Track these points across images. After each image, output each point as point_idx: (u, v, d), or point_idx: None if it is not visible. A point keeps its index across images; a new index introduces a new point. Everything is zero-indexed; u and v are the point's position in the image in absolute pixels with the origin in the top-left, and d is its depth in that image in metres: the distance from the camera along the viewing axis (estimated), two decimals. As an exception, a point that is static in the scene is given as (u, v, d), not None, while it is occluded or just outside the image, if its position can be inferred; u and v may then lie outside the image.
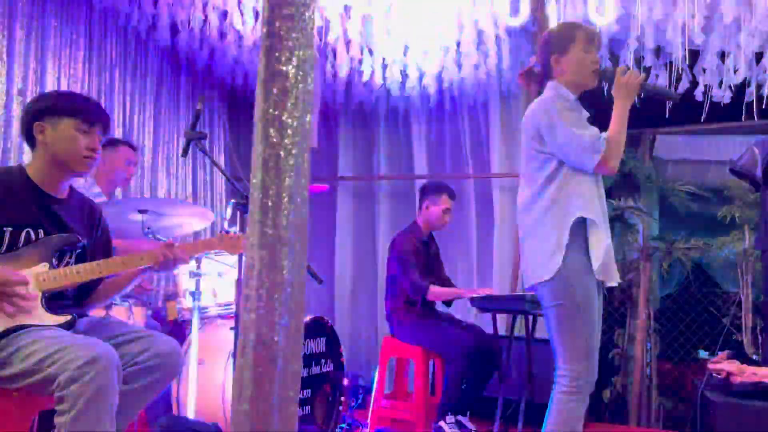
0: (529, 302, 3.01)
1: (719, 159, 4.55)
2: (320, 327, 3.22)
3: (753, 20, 3.36)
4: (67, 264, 2.04)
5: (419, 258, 3.66)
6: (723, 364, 2.95)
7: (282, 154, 0.94)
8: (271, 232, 0.93)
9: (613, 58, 3.89)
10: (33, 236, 1.96)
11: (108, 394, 1.70)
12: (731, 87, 3.66)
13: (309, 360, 3.11)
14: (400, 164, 5.00)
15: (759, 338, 4.00)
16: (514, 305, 3.16)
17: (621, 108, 2.27)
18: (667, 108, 3.78)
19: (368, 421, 3.66)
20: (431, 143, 4.88)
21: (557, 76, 2.35)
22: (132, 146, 3.48)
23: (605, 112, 2.32)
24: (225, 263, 3.16)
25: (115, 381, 1.73)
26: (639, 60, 3.77)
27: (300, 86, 0.95)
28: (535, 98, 2.40)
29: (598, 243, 2.23)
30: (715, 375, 2.93)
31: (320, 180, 4.94)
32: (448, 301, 3.82)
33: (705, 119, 3.81)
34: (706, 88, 3.73)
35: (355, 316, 4.95)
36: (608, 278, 2.27)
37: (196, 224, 3.28)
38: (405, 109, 4.87)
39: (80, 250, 2.09)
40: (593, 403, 4.18)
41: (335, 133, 5.14)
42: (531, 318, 3.45)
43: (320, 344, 3.19)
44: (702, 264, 4.56)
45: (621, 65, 2.40)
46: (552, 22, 3.65)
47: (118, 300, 2.96)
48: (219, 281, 3.24)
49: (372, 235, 5.00)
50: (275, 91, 0.94)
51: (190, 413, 2.81)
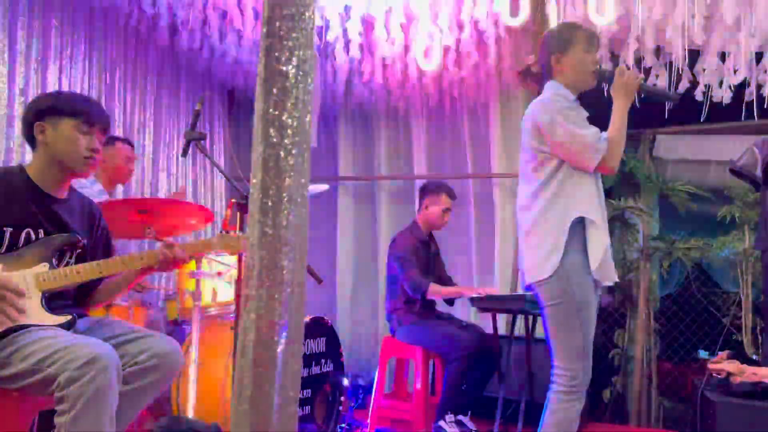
0: (529, 302, 3.01)
1: (719, 159, 4.54)
2: (320, 327, 3.22)
3: (753, 20, 3.36)
4: (67, 264, 2.04)
5: (419, 257, 3.67)
6: (723, 364, 2.94)
7: (282, 154, 0.94)
8: (271, 232, 0.93)
9: (613, 58, 3.89)
10: (33, 236, 1.96)
11: (108, 395, 1.70)
12: (731, 87, 3.66)
13: (309, 360, 3.11)
14: (400, 164, 5.00)
15: (759, 338, 3.99)
16: (514, 305, 3.16)
17: (621, 108, 2.27)
18: (667, 108, 3.78)
19: (368, 421, 3.66)
20: (431, 143, 4.88)
21: (557, 76, 2.35)
22: (129, 143, 3.49)
23: (605, 113, 2.32)
24: (225, 263, 3.16)
25: (115, 381, 1.73)
26: (639, 60, 3.76)
27: (300, 86, 0.95)
28: (535, 98, 2.40)
29: (597, 243, 2.23)
30: (715, 375, 2.93)
31: (320, 180, 4.94)
32: (450, 300, 3.82)
33: (705, 119, 3.80)
34: (706, 88, 3.73)
35: (355, 316, 4.95)
36: (605, 278, 2.27)
37: (196, 224, 3.28)
38: (405, 109, 4.86)
39: (80, 250, 2.09)
40: (593, 403, 4.18)
41: (335, 133, 5.14)
42: (531, 318, 3.45)
43: (320, 344, 3.19)
44: (702, 264, 4.55)
45: (620, 65, 2.40)
46: (552, 22, 3.65)
47: (118, 300, 2.96)
48: (219, 281, 3.24)
49: (372, 235, 4.99)
50: (275, 91, 0.94)
51: (190, 413, 2.81)
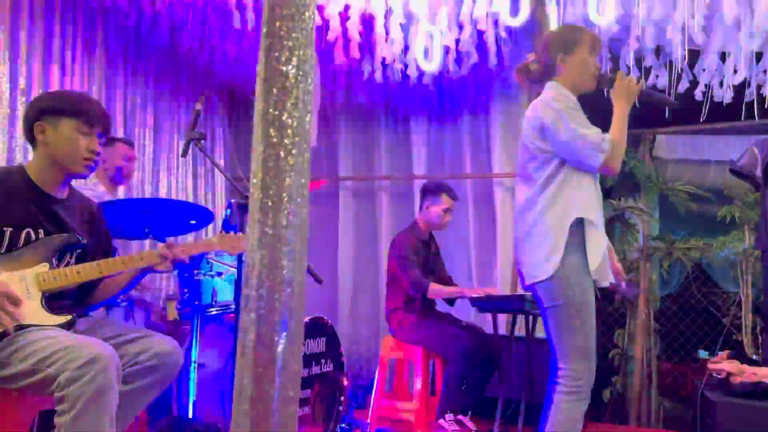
0: (529, 302, 3.01)
1: (719, 159, 4.54)
2: (320, 327, 3.22)
3: (753, 20, 3.36)
4: (68, 264, 2.04)
5: (419, 257, 3.66)
6: (723, 364, 2.94)
7: (282, 154, 0.94)
8: (271, 232, 0.93)
9: (613, 58, 3.88)
10: (33, 236, 1.96)
11: (108, 395, 1.70)
12: (731, 87, 3.65)
13: (309, 360, 3.11)
14: (400, 164, 5.00)
15: (759, 338, 3.99)
16: (514, 305, 3.15)
17: (621, 112, 2.29)
18: (668, 108, 3.78)
19: (368, 421, 3.66)
20: (431, 143, 4.88)
21: (559, 76, 2.34)
22: (129, 143, 3.48)
23: (603, 116, 2.33)
24: (225, 263, 3.16)
25: (115, 381, 1.73)
26: (639, 60, 3.76)
27: (300, 86, 0.95)
28: (535, 98, 2.40)
29: (596, 244, 2.23)
30: (715, 375, 2.93)
31: (320, 180, 4.94)
32: (451, 300, 3.82)
33: (705, 119, 3.80)
34: (707, 88, 3.73)
35: (355, 316, 4.94)
36: (602, 278, 2.27)
37: (196, 224, 3.28)
38: (405, 109, 4.86)
39: (80, 250, 2.09)
40: (593, 403, 4.16)
41: (335, 133, 5.14)
42: (531, 318, 3.45)
43: (320, 344, 3.19)
44: (702, 264, 4.55)
45: (621, 68, 2.41)
46: (552, 22, 3.65)
47: (118, 300, 2.96)
48: (219, 281, 3.23)
49: (372, 235, 4.99)
50: (275, 91, 0.94)
51: (190, 413, 2.81)
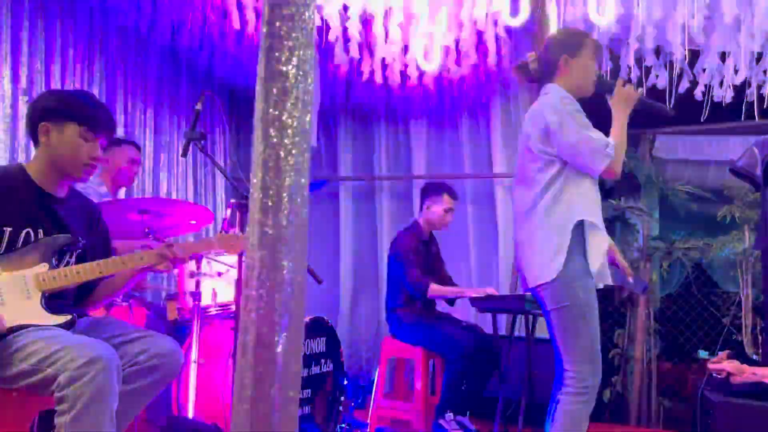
0: (529, 302, 3.01)
1: (719, 159, 4.54)
2: (320, 327, 3.22)
3: (753, 20, 3.36)
4: (67, 264, 2.04)
5: (419, 257, 3.66)
6: (723, 364, 2.94)
7: (282, 154, 0.94)
8: (271, 232, 0.93)
9: (613, 58, 3.88)
10: (32, 236, 1.96)
11: (108, 395, 1.70)
12: (732, 87, 3.65)
13: (309, 360, 3.11)
14: (400, 164, 4.99)
15: (759, 338, 3.99)
16: (514, 305, 3.15)
17: (621, 118, 2.30)
18: (668, 108, 3.77)
19: (368, 421, 3.66)
20: (431, 143, 4.87)
21: (561, 77, 2.33)
22: (136, 146, 3.47)
23: (601, 120, 2.34)
24: (225, 263, 3.16)
25: (115, 381, 1.73)
26: (639, 60, 3.76)
27: (300, 86, 0.95)
28: (535, 98, 2.40)
29: (598, 246, 2.23)
30: (715, 375, 2.93)
31: (320, 180, 4.94)
32: (451, 300, 3.81)
33: (705, 119, 3.80)
34: (707, 88, 3.73)
35: (356, 316, 4.94)
36: (602, 279, 2.28)
37: (196, 224, 3.28)
38: (405, 109, 4.86)
39: (80, 250, 2.09)
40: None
41: (335, 133, 5.14)
42: (531, 318, 3.44)
43: (320, 344, 3.19)
44: (702, 264, 4.55)
45: (621, 68, 2.41)
46: (552, 22, 3.65)
47: (119, 300, 2.96)
48: (219, 281, 3.23)
49: (372, 235, 4.99)
50: (275, 91, 0.94)
51: (190, 413, 2.81)
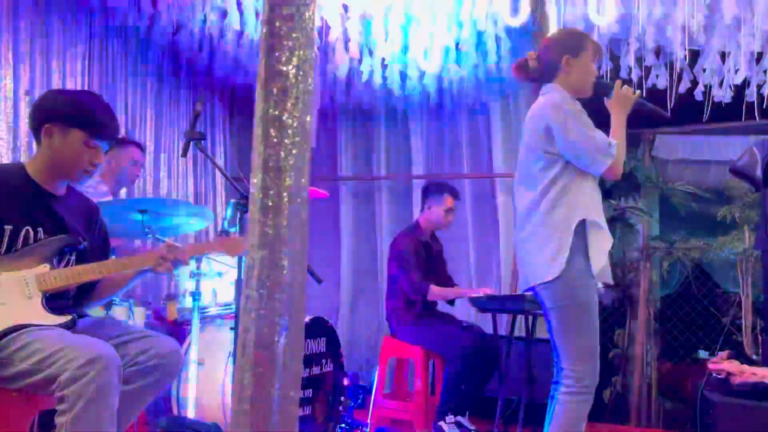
0: (529, 302, 3.01)
1: (719, 159, 4.54)
2: (320, 327, 3.22)
3: (753, 20, 3.36)
4: (67, 263, 2.04)
5: (419, 258, 3.66)
6: (723, 364, 2.94)
7: (282, 154, 0.94)
8: (271, 232, 0.93)
9: (613, 58, 3.88)
10: (32, 234, 1.96)
11: (108, 394, 1.70)
12: (731, 87, 3.65)
13: (309, 360, 3.11)
14: (399, 164, 5.00)
15: (759, 338, 3.99)
16: (514, 305, 3.15)
17: (620, 120, 2.31)
18: (668, 108, 3.78)
19: (368, 421, 3.66)
20: (431, 143, 4.88)
21: (561, 77, 2.33)
22: (140, 146, 3.47)
23: (601, 120, 2.34)
24: (225, 263, 3.16)
25: (116, 381, 1.73)
26: (639, 60, 3.76)
27: (300, 86, 0.95)
28: (535, 97, 2.40)
29: (600, 245, 2.24)
30: (715, 375, 2.93)
31: (320, 180, 4.94)
32: (451, 300, 3.81)
33: (705, 119, 3.80)
34: (707, 88, 3.73)
35: (356, 316, 4.94)
36: (603, 278, 2.28)
37: (196, 224, 3.28)
38: (404, 109, 4.86)
39: (80, 250, 2.09)
40: (593, 403, 4.17)
41: (335, 133, 5.14)
42: (531, 318, 3.45)
43: (320, 344, 3.19)
44: (702, 264, 4.55)
45: (621, 68, 2.42)
46: (552, 22, 3.64)
47: (119, 300, 2.96)
48: (219, 281, 3.23)
49: (372, 235, 4.99)
50: (275, 91, 0.94)
51: (190, 413, 2.81)
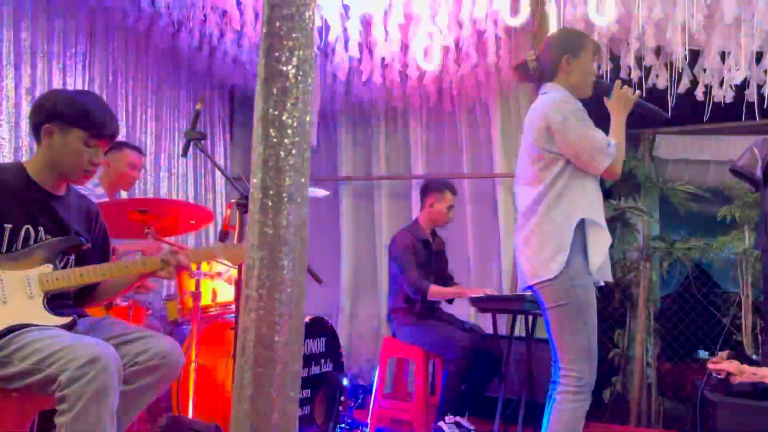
0: (529, 302, 3.01)
1: (719, 159, 4.54)
2: (320, 327, 3.22)
3: (753, 20, 3.36)
4: (67, 263, 2.04)
5: (419, 257, 3.65)
6: (723, 364, 2.94)
7: (282, 154, 0.94)
8: (271, 232, 0.93)
9: (613, 58, 3.88)
10: (33, 233, 1.96)
11: (108, 394, 1.70)
12: (732, 87, 3.65)
13: (309, 360, 3.11)
14: (399, 164, 4.99)
15: (759, 338, 3.99)
16: (514, 305, 3.15)
17: (619, 120, 2.32)
18: (668, 108, 3.78)
19: (368, 421, 3.66)
20: (431, 143, 4.87)
21: (561, 77, 2.33)
22: (139, 151, 3.45)
23: (602, 120, 2.34)
24: (225, 263, 3.16)
25: (116, 381, 1.73)
26: (639, 60, 3.76)
27: (300, 86, 0.95)
28: (535, 98, 2.40)
29: (600, 244, 2.24)
30: (715, 375, 2.93)
31: (320, 180, 4.94)
32: (451, 299, 3.81)
33: (705, 119, 3.80)
34: (707, 88, 3.73)
35: (355, 316, 4.94)
36: (602, 276, 2.29)
37: (196, 224, 3.28)
38: (404, 109, 4.86)
39: (81, 251, 2.09)
40: (593, 403, 4.16)
41: (335, 133, 5.14)
42: (531, 318, 3.45)
43: (320, 344, 3.19)
44: (702, 264, 4.55)
45: (621, 68, 2.42)
46: (552, 22, 3.64)
47: (118, 300, 2.96)
48: (219, 281, 3.23)
49: (372, 235, 4.99)
50: (275, 91, 0.94)
51: (190, 413, 2.81)
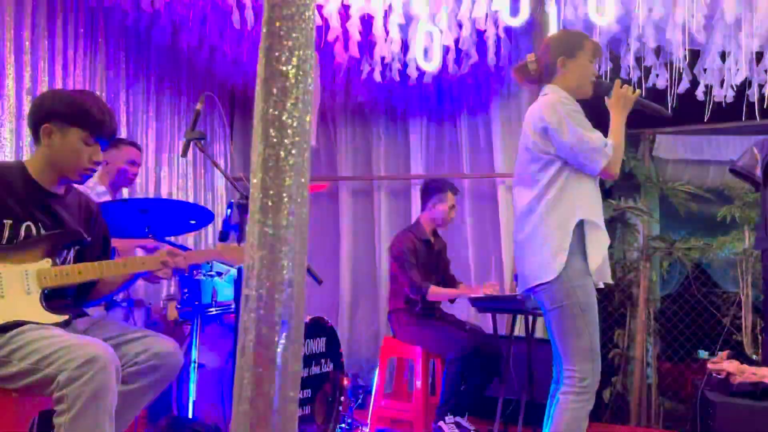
0: (529, 302, 3.01)
1: (719, 159, 4.54)
2: (320, 327, 3.22)
3: (753, 20, 3.36)
4: (66, 260, 2.04)
5: (419, 257, 3.65)
6: (723, 364, 2.94)
7: (282, 154, 0.94)
8: (271, 232, 0.93)
9: (613, 58, 3.88)
10: (33, 229, 1.96)
11: (107, 394, 1.70)
12: (732, 87, 3.65)
13: (309, 360, 3.11)
14: (399, 164, 4.99)
15: (759, 338, 3.99)
16: (514, 305, 3.15)
17: (619, 119, 2.31)
18: (669, 108, 3.78)
19: (368, 421, 3.66)
20: (430, 143, 4.87)
21: (559, 78, 2.34)
22: (136, 146, 3.46)
23: (601, 120, 2.34)
24: (225, 263, 3.16)
25: (114, 381, 1.73)
26: (639, 60, 3.76)
27: (300, 86, 0.95)
28: (535, 98, 2.40)
29: (598, 245, 2.24)
30: (715, 375, 2.93)
31: (320, 180, 4.94)
32: (452, 299, 3.81)
33: (705, 119, 3.80)
34: (707, 88, 3.73)
35: (356, 316, 4.94)
36: (602, 277, 2.29)
37: (196, 224, 3.28)
38: (404, 109, 4.86)
39: (80, 247, 2.09)
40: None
41: (335, 133, 5.14)
42: (531, 318, 3.45)
43: (320, 344, 3.19)
44: (702, 264, 4.55)
45: (621, 68, 2.42)
46: (552, 22, 3.65)
47: (118, 300, 2.96)
48: (219, 281, 3.23)
49: (372, 235, 4.99)
50: (275, 91, 0.94)
51: (190, 413, 2.81)
